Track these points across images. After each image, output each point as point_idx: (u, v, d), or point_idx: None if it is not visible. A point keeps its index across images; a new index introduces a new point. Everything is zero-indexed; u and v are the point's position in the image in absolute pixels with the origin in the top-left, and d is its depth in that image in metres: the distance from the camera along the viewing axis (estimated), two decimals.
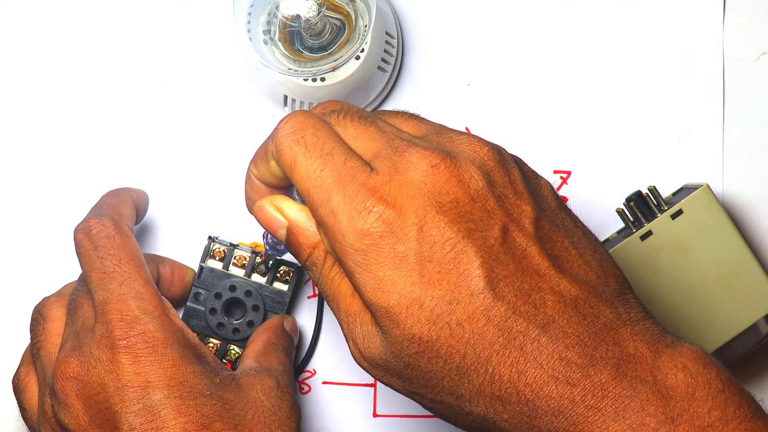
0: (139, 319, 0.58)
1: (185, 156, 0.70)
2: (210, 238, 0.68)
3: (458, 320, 0.49)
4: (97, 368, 0.58)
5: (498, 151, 0.53)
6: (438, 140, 0.53)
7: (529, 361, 0.49)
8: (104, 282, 0.60)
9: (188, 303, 0.68)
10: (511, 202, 0.51)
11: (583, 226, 0.54)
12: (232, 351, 0.68)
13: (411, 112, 0.56)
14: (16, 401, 0.63)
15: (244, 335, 0.67)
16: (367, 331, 0.52)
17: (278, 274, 0.68)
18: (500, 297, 0.49)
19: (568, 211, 0.54)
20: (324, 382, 0.69)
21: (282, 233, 0.55)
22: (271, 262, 0.67)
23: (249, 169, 0.57)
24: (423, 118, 0.56)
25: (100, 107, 0.70)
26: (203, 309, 0.67)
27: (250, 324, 0.67)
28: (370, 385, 0.69)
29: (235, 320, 0.68)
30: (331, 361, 0.69)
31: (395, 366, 0.51)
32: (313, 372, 0.69)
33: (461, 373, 0.50)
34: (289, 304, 0.68)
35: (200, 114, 0.70)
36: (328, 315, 0.69)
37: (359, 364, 0.54)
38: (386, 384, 0.53)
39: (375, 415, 0.69)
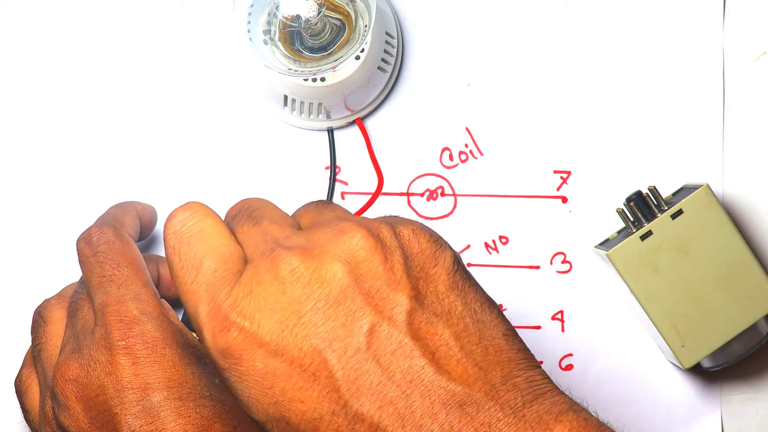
0: (138, 319, 0.59)
1: (185, 156, 0.70)
2: None
3: None
4: (97, 370, 0.58)
5: (377, 236, 0.49)
6: (317, 235, 0.50)
7: None
8: (103, 285, 0.60)
9: None
10: (382, 296, 0.48)
11: (476, 305, 0.50)
12: None
13: (325, 201, 0.54)
14: (18, 403, 0.63)
15: None
16: None
17: None
18: (362, 412, 0.46)
19: (461, 291, 0.50)
20: None
21: None
22: None
23: None
24: (331, 208, 0.53)
25: (100, 108, 0.70)
26: None
27: None
28: None
29: None
30: None
31: None
32: None
33: None
34: None
35: (200, 114, 0.70)
36: None
37: None
38: None
39: None
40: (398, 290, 0.48)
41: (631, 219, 0.66)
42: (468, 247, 0.70)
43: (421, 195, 0.70)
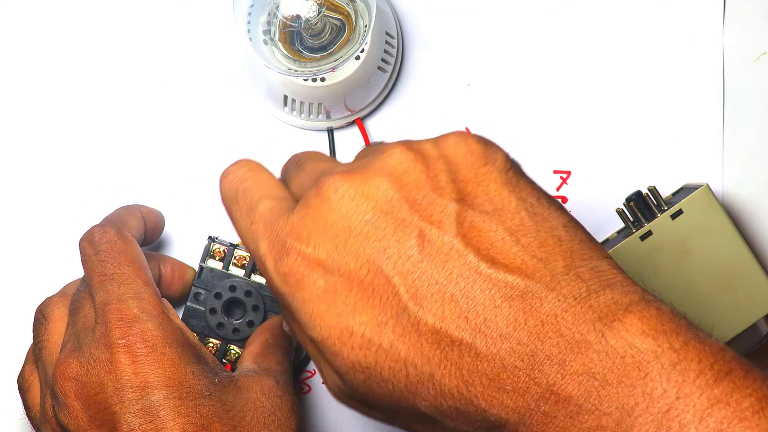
0: (138, 318, 0.59)
1: (185, 156, 0.70)
2: (210, 238, 0.68)
3: (390, 341, 0.48)
4: (97, 368, 0.58)
5: (417, 150, 0.50)
6: (361, 160, 0.52)
7: (473, 372, 0.47)
8: (104, 284, 0.60)
9: (188, 303, 0.68)
10: (429, 202, 0.49)
11: (532, 198, 0.50)
12: (232, 351, 0.68)
13: (374, 142, 0.56)
14: (21, 400, 0.63)
15: (244, 335, 0.67)
16: (325, 367, 0.51)
17: None
18: (426, 309, 0.47)
19: (514, 186, 0.50)
20: (324, 382, 0.69)
21: None
22: None
23: None
24: (378, 143, 0.54)
25: (101, 107, 0.70)
26: (203, 309, 0.67)
27: (250, 324, 0.67)
28: None
29: (235, 320, 0.68)
30: None
31: (357, 396, 0.50)
32: (313, 372, 0.69)
33: (412, 392, 0.48)
34: None
35: (200, 114, 0.70)
36: None
37: (339, 400, 0.52)
38: (368, 416, 0.52)
39: None
40: (444, 195, 0.49)
41: (631, 219, 0.66)
42: None
43: None
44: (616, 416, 0.44)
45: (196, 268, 0.68)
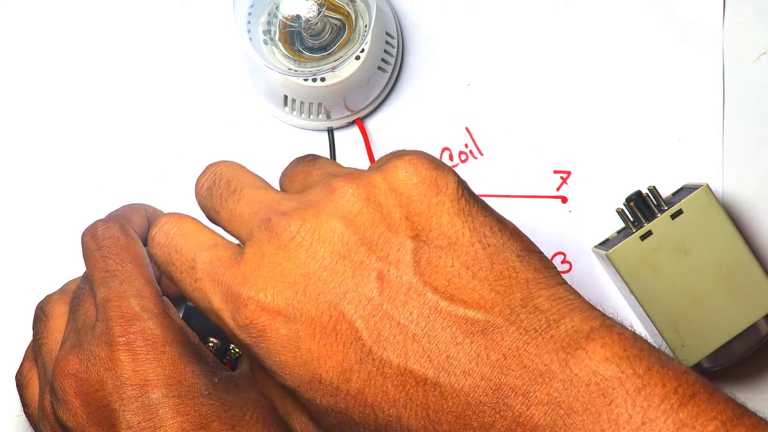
0: (139, 316, 0.59)
1: (185, 156, 0.70)
2: None
3: (357, 388, 0.47)
4: (96, 365, 0.58)
5: (368, 185, 0.49)
6: (311, 195, 0.50)
7: (438, 411, 0.46)
8: (106, 280, 0.60)
9: (188, 303, 0.68)
10: (385, 242, 0.48)
11: (485, 228, 0.49)
12: (233, 351, 0.68)
13: (311, 156, 0.54)
14: (19, 397, 0.63)
15: None
16: (300, 418, 0.51)
17: None
18: (390, 351, 0.47)
19: (467, 216, 0.49)
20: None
21: None
22: None
23: None
24: (319, 164, 0.53)
25: (101, 107, 0.70)
26: None
27: None
28: None
29: None
30: None
31: None
32: None
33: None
34: None
35: (200, 114, 0.70)
36: None
37: None
38: None
39: None
40: (399, 233, 0.48)
41: (631, 219, 0.66)
42: None
43: None
44: None
45: None
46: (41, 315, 0.63)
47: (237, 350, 0.68)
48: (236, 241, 0.52)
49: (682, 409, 0.44)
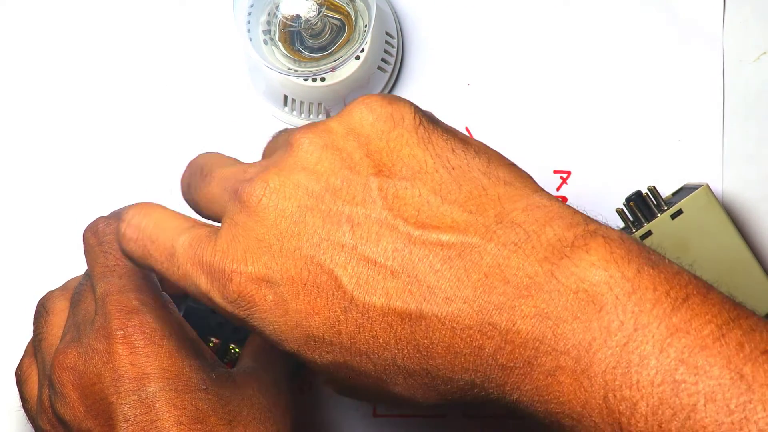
0: (138, 310, 0.59)
1: (185, 156, 0.70)
2: None
3: (348, 339, 0.47)
4: (94, 359, 0.58)
5: (324, 132, 0.49)
6: (273, 158, 0.50)
7: (427, 346, 0.46)
8: (105, 275, 0.60)
9: (189, 302, 0.68)
10: (349, 184, 0.48)
11: (448, 151, 0.48)
12: (232, 350, 0.68)
13: (280, 130, 0.54)
14: (18, 392, 0.63)
15: (244, 334, 0.67)
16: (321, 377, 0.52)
17: None
18: (371, 293, 0.46)
19: (428, 144, 0.48)
20: (324, 382, 0.69)
21: None
22: None
23: None
24: (286, 133, 0.53)
25: (101, 107, 0.70)
26: (204, 308, 0.67)
27: None
28: None
29: None
30: None
31: (346, 393, 0.51)
32: None
33: (384, 380, 0.48)
34: None
35: (200, 114, 0.70)
36: None
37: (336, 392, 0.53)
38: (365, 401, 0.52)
39: (375, 414, 0.69)
40: (361, 173, 0.48)
41: (631, 219, 0.66)
42: None
43: None
44: (574, 354, 0.43)
45: None
46: (42, 311, 0.63)
47: (237, 350, 0.68)
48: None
49: (675, 313, 0.43)
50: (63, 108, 0.71)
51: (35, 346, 0.63)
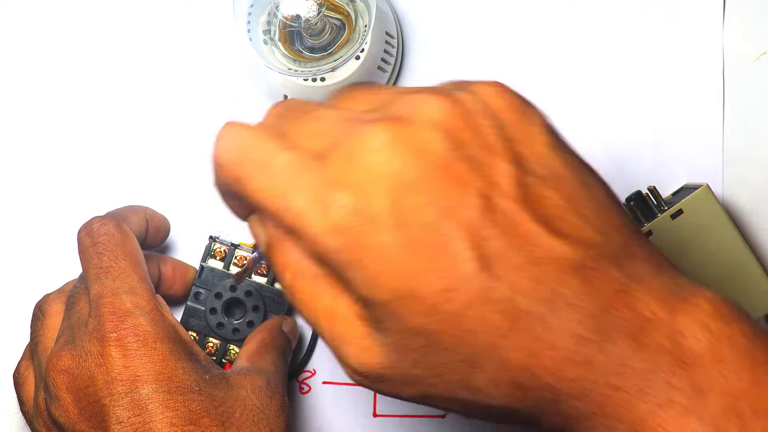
0: (131, 312, 0.59)
1: (186, 156, 0.70)
2: (211, 237, 0.68)
3: (458, 308, 0.44)
4: (88, 361, 0.58)
5: (457, 102, 0.45)
6: (393, 108, 0.46)
7: (540, 343, 0.44)
8: (99, 276, 0.60)
9: (188, 302, 0.68)
10: (483, 162, 0.44)
11: (578, 165, 0.47)
12: (232, 351, 0.68)
13: (362, 83, 0.51)
14: (16, 395, 0.63)
15: (244, 335, 0.67)
16: (361, 344, 0.46)
17: None
18: (496, 277, 0.44)
19: (561, 151, 0.47)
20: (324, 382, 0.69)
21: (263, 248, 0.49)
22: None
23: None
24: (378, 87, 0.49)
25: (101, 107, 0.70)
26: (203, 308, 0.68)
27: (250, 324, 0.67)
28: None
29: (235, 320, 0.68)
30: (332, 361, 0.69)
31: (401, 368, 0.46)
32: (313, 372, 0.69)
33: (472, 364, 0.45)
34: (290, 305, 0.68)
35: (201, 114, 0.70)
36: None
37: (361, 384, 0.48)
38: (395, 396, 0.47)
39: (375, 415, 0.69)
40: (496, 155, 0.45)
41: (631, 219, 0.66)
42: None
43: None
44: (687, 393, 0.43)
45: (197, 267, 0.68)
46: (38, 314, 0.63)
47: (237, 350, 0.68)
48: None
49: None
50: (63, 109, 0.71)
51: (32, 349, 0.63)
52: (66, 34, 0.71)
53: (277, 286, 0.68)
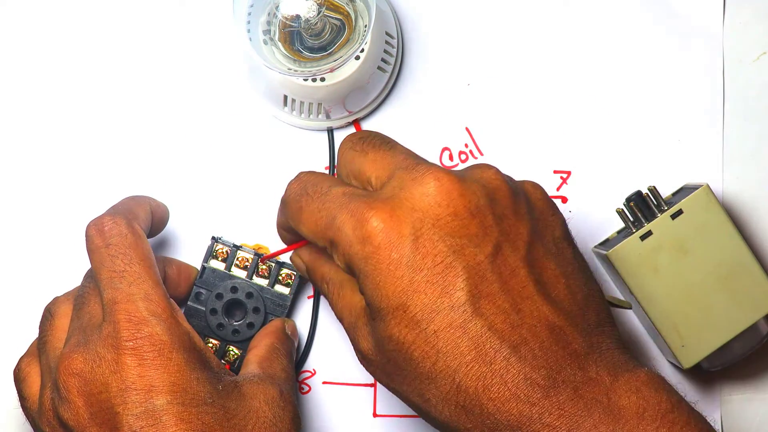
0: (147, 320, 0.58)
1: (186, 156, 0.70)
2: (213, 238, 0.68)
3: (435, 329, 0.53)
4: (102, 367, 0.58)
5: (507, 179, 0.56)
6: (454, 170, 0.56)
7: (495, 377, 0.52)
8: (114, 281, 0.59)
9: (189, 302, 0.68)
10: (509, 223, 0.55)
11: (583, 262, 0.57)
12: (231, 352, 0.68)
13: (377, 139, 0.60)
14: (16, 391, 0.63)
15: (243, 336, 0.67)
16: (363, 331, 0.57)
17: (280, 278, 0.68)
18: (479, 313, 0.53)
19: (572, 244, 0.57)
20: (324, 382, 0.69)
21: (304, 274, 0.65)
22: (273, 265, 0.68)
23: (277, 217, 0.65)
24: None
25: (101, 107, 0.70)
26: (204, 309, 0.67)
27: (250, 326, 0.67)
28: (370, 385, 0.69)
29: (236, 321, 0.68)
30: (331, 361, 0.69)
31: (380, 360, 0.56)
32: (313, 372, 0.69)
33: (430, 378, 0.53)
34: (290, 306, 0.68)
35: (201, 114, 0.70)
36: (325, 314, 0.69)
37: (359, 361, 0.58)
38: (374, 377, 0.57)
39: (375, 415, 0.69)
40: (521, 222, 0.55)
41: (631, 219, 0.66)
42: None
43: None
44: None
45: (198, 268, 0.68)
46: (47, 314, 0.63)
47: (236, 351, 0.68)
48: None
49: None
50: (63, 109, 0.70)
51: (39, 348, 0.62)
52: (66, 34, 0.71)
53: (278, 288, 0.68)
